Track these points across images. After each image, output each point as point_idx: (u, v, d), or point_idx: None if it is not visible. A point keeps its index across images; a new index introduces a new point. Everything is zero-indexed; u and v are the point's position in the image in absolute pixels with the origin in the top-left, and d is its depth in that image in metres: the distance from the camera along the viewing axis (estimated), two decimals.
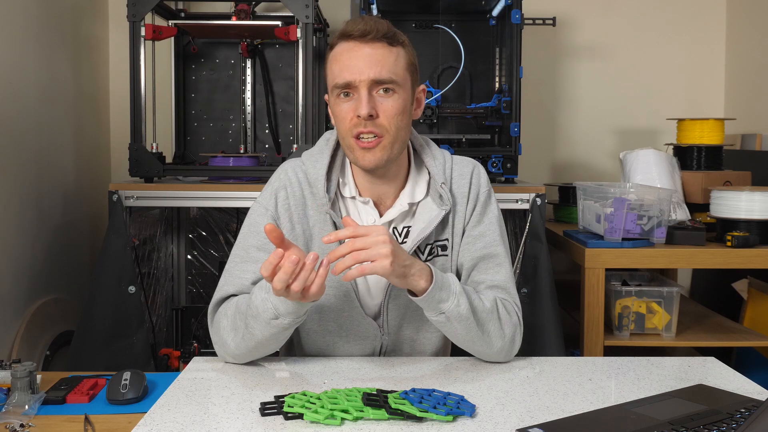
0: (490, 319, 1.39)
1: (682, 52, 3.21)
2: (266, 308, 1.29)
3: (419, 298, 1.33)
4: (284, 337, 1.36)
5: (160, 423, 1.12)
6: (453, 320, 1.34)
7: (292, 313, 1.29)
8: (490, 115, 2.52)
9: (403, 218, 1.48)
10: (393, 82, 1.38)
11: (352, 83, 1.37)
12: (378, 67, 1.36)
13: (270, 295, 1.29)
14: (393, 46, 1.39)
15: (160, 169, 2.37)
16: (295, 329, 1.51)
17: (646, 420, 1.10)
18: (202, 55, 2.89)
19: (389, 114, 1.38)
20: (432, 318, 1.36)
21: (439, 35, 2.60)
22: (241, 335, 1.34)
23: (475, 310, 1.36)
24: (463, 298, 1.35)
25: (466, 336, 1.37)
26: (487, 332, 1.38)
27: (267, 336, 1.32)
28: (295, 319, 1.31)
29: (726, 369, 1.40)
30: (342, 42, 1.40)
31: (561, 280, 2.45)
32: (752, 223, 2.23)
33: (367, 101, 1.36)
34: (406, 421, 1.11)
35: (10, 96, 2.28)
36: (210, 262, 3.03)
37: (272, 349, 1.39)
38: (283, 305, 1.28)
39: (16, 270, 2.30)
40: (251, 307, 1.31)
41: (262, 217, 1.46)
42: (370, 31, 1.37)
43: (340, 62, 1.38)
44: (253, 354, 1.38)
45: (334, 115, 1.43)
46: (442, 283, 1.33)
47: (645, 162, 2.47)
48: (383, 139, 1.38)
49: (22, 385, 1.23)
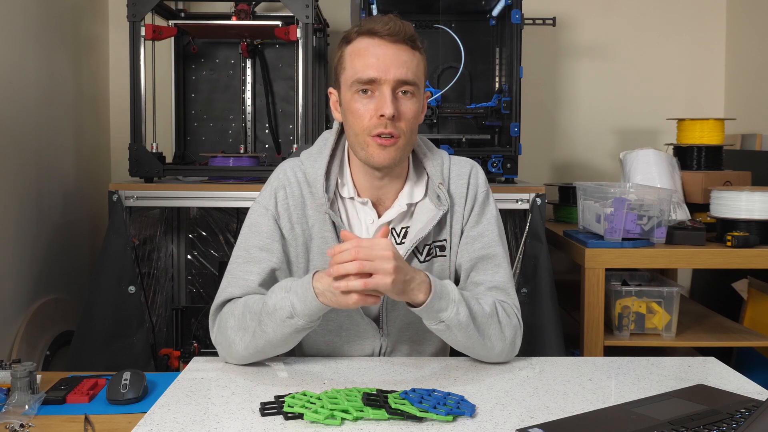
0: (490, 323, 1.38)
1: (682, 52, 3.21)
2: (284, 306, 1.29)
3: (418, 309, 1.32)
4: (294, 340, 1.35)
5: (160, 423, 1.12)
6: (453, 328, 1.34)
7: (308, 315, 1.29)
8: (490, 115, 2.52)
9: (402, 219, 1.48)
10: (415, 84, 1.38)
11: (377, 80, 1.35)
12: (404, 68, 1.36)
13: (290, 294, 1.29)
14: (415, 50, 1.39)
15: (160, 169, 2.37)
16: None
17: (646, 420, 1.10)
18: (202, 55, 2.89)
19: (408, 116, 1.38)
20: (432, 327, 1.36)
21: (439, 35, 2.60)
22: (252, 334, 1.34)
23: (474, 316, 1.36)
24: (462, 306, 1.34)
25: (467, 342, 1.37)
26: (487, 337, 1.38)
27: (279, 336, 1.32)
28: (309, 322, 1.31)
29: (726, 369, 1.40)
30: (365, 38, 1.38)
31: (561, 280, 2.45)
32: (752, 223, 2.23)
33: (392, 101, 1.35)
34: (406, 421, 1.11)
35: (10, 96, 2.28)
36: (210, 262, 3.03)
37: (279, 351, 1.38)
38: (301, 305, 1.28)
39: (16, 270, 2.30)
40: (267, 304, 1.31)
41: (262, 216, 1.46)
42: (398, 31, 1.36)
43: (364, 58, 1.36)
44: (260, 355, 1.38)
45: (349, 111, 1.40)
46: (441, 293, 1.32)
47: (645, 162, 2.47)
48: (399, 140, 1.38)
49: (22, 385, 1.23)
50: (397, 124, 1.37)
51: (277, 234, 1.44)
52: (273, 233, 1.44)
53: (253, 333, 1.34)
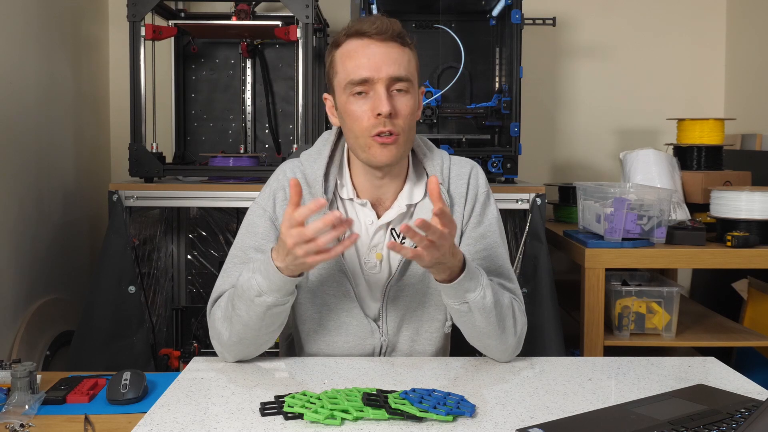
0: (508, 315, 1.40)
1: (682, 52, 3.21)
2: (250, 286, 1.29)
3: (449, 284, 1.32)
4: (273, 323, 1.34)
5: (160, 423, 1.12)
6: (475, 311, 1.34)
7: (276, 290, 1.29)
8: (490, 115, 2.52)
9: (401, 219, 1.48)
10: (408, 80, 1.38)
11: (370, 80, 1.36)
12: (395, 65, 1.36)
13: (255, 274, 1.29)
14: (405, 46, 1.39)
15: (160, 169, 2.37)
16: (295, 328, 1.51)
17: (646, 420, 1.10)
18: (202, 55, 2.89)
19: (405, 113, 1.38)
20: (454, 306, 1.35)
21: (439, 35, 2.60)
22: (230, 321, 1.34)
23: (497, 304, 1.37)
24: (489, 291, 1.35)
25: (485, 328, 1.37)
26: (504, 327, 1.38)
27: (253, 317, 1.31)
28: (279, 298, 1.30)
29: (726, 369, 1.40)
30: (353, 39, 1.38)
31: (561, 280, 2.45)
32: (752, 223, 2.23)
33: (387, 99, 1.36)
34: (406, 421, 1.11)
35: (10, 96, 2.28)
36: (210, 262, 3.03)
37: (264, 340, 1.37)
38: (267, 282, 1.28)
39: (16, 270, 2.30)
40: (237, 287, 1.33)
41: (259, 218, 1.46)
42: (386, 29, 1.36)
43: (355, 59, 1.37)
44: (245, 344, 1.37)
45: (346, 114, 1.40)
46: (472, 273, 1.33)
47: (645, 162, 2.47)
48: (399, 137, 1.38)
49: (22, 385, 1.23)
50: (394, 121, 1.37)
51: (272, 235, 1.44)
52: (268, 234, 1.44)
53: (230, 319, 1.34)
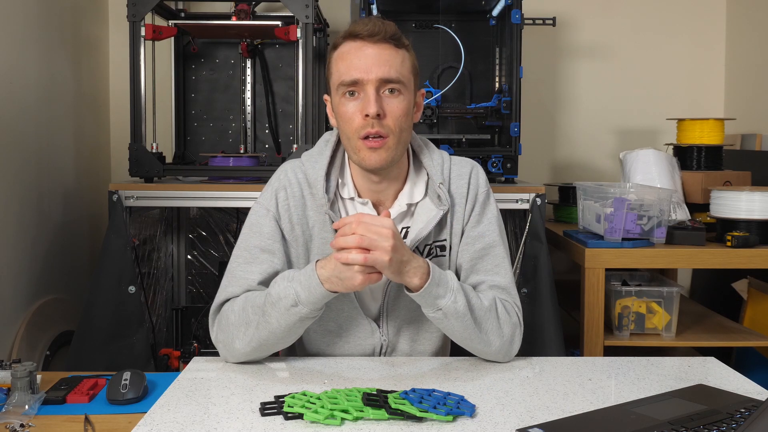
0: (488, 317, 1.39)
1: (682, 52, 3.21)
2: (287, 295, 1.31)
3: (415, 294, 1.33)
4: (296, 332, 1.37)
5: (160, 423, 1.12)
6: (450, 317, 1.35)
7: (312, 302, 1.31)
8: (490, 115, 2.52)
9: (402, 219, 1.48)
10: (400, 82, 1.38)
11: (360, 81, 1.36)
12: (386, 66, 1.37)
13: (293, 282, 1.31)
14: (399, 48, 1.40)
15: (160, 169, 2.37)
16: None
17: (646, 420, 1.10)
18: (202, 55, 2.89)
19: (395, 114, 1.38)
20: (429, 314, 1.37)
21: (439, 35, 2.60)
22: (255, 326, 1.35)
23: (472, 307, 1.37)
24: (460, 295, 1.35)
25: (463, 333, 1.38)
26: (484, 330, 1.38)
27: (283, 326, 1.33)
28: (313, 311, 1.32)
29: (726, 369, 1.40)
30: (348, 41, 1.40)
31: (561, 280, 2.45)
32: (752, 223, 2.23)
33: (375, 100, 1.36)
34: (406, 421, 1.11)
35: (10, 96, 2.28)
36: (210, 262, 3.03)
37: (280, 346, 1.39)
38: (305, 293, 1.30)
39: (16, 270, 2.30)
40: (271, 294, 1.33)
41: (263, 217, 1.46)
42: (378, 31, 1.37)
43: (346, 60, 1.38)
44: (262, 349, 1.38)
45: (339, 115, 1.42)
46: (439, 280, 1.34)
47: (645, 162, 2.47)
48: (388, 139, 1.38)
49: (22, 385, 1.23)
50: (383, 122, 1.37)
51: (278, 235, 1.45)
52: (274, 234, 1.45)
53: (256, 325, 1.34)
